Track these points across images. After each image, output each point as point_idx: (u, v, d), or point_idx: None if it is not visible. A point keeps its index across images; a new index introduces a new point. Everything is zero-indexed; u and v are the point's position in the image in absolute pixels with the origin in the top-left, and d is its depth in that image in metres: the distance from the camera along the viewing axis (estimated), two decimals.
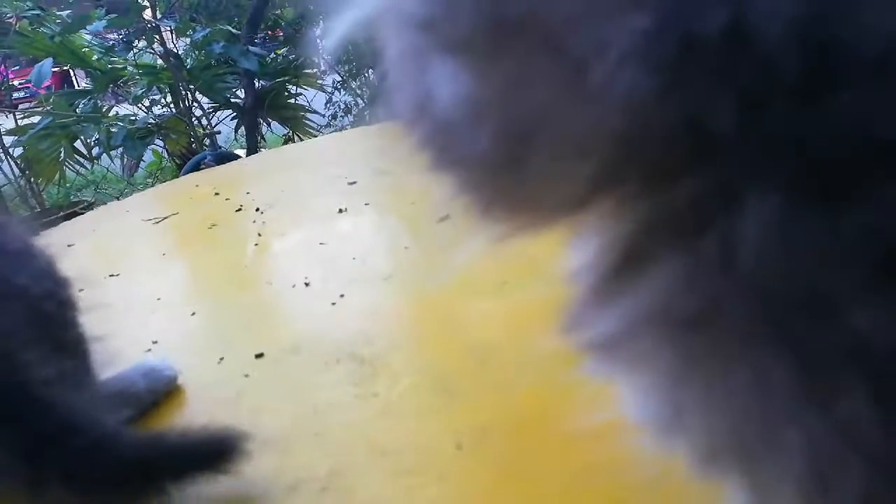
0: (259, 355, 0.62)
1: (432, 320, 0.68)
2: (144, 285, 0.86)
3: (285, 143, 3.31)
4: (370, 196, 1.09)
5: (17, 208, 3.03)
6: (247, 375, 0.60)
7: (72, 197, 4.12)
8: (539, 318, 0.26)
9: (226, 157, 2.67)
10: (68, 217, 1.85)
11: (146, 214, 1.22)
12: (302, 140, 3.17)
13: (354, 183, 1.18)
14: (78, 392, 0.51)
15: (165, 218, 1.16)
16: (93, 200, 4.03)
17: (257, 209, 1.11)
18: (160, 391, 0.57)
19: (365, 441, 0.49)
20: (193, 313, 0.75)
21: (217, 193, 1.27)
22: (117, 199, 3.41)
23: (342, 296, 0.72)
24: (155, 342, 0.69)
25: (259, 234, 0.98)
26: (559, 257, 0.26)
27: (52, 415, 0.44)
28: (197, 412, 0.55)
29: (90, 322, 0.53)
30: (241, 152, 2.99)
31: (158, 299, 0.80)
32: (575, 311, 0.25)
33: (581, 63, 0.20)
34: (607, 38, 0.19)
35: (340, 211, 1.02)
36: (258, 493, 0.44)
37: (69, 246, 1.08)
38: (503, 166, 0.23)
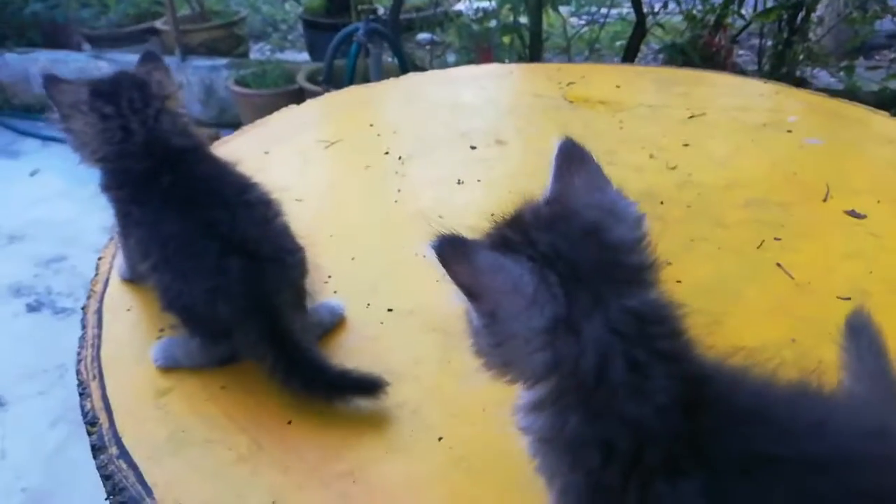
0: (390, 310, 1.04)
1: None
2: (320, 216, 1.28)
3: None
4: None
5: None
6: (382, 323, 1.02)
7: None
8: None
9: (377, 34, 2.97)
10: None
11: (319, 132, 1.62)
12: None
13: (475, 149, 1.53)
14: (300, 316, 0.94)
15: (332, 144, 1.56)
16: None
17: (399, 157, 1.49)
18: (335, 323, 1.00)
19: (440, 388, 0.91)
20: (353, 258, 1.17)
21: (371, 125, 1.65)
22: None
23: None
24: (329, 276, 1.12)
25: (399, 190, 1.37)
26: None
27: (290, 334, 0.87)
28: (352, 342, 0.99)
29: None
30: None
31: (331, 236, 1.23)
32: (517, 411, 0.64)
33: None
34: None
35: (459, 182, 1.39)
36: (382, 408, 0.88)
37: (266, 153, 1.51)
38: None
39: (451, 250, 0.56)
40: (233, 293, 0.86)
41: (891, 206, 1.25)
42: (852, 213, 1.23)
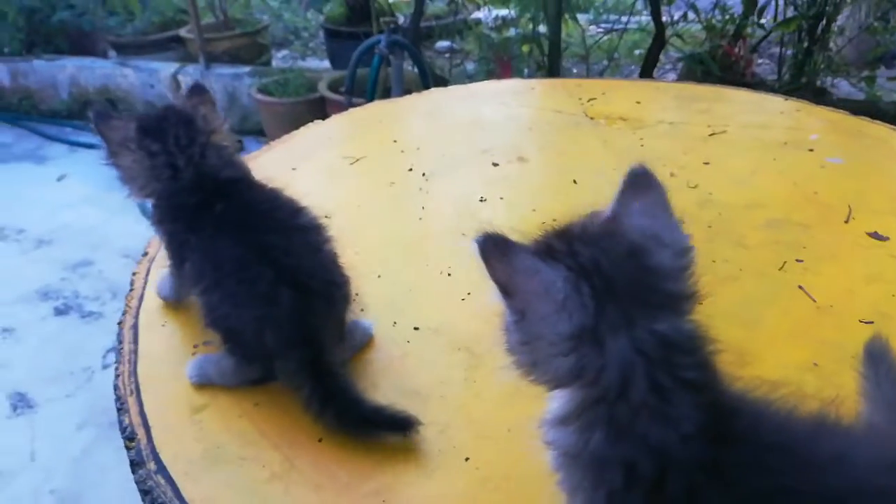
0: (416, 328, 1.07)
1: None
2: (347, 233, 1.31)
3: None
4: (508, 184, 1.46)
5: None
6: (408, 342, 1.05)
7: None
8: None
9: (399, 45, 3.01)
10: None
11: (344, 148, 1.65)
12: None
13: (497, 165, 1.56)
14: (339, 346, 0.96)
15: (357, 160, 1.59)
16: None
17: (423, 174, 1.52)
18: (365, 342, 1.03)
19: (466, 408, 0.94)
20: (379, 276, 1.20)
21: (395, 141, 1.68)
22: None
23: (469, 293, 1.14)
24: (356, 294, 1.14)
25: (423, 208, 1.40)
26: None
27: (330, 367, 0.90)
28: (379, 360, 1.02)
29: None
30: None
31: (357, 253, 1.26)
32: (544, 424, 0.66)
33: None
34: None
35: (481, 200, 1.42)
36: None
37: (293, 169, 1.55)
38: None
39: (492, 247, 0.60)
40: (281, 323, 0.89)
41: None
42: (875, 235, 1.24)
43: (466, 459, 0.85)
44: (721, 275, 1.16)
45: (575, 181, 1.46)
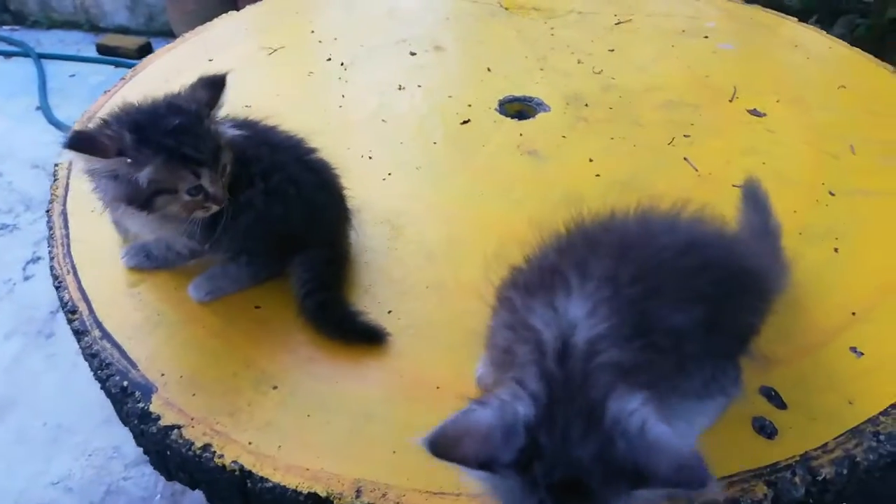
0: None
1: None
2: (269, 122, 1.35)
3: None
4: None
5: None
6: None
7: None
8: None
9: None
10: None
11: (261, 39, 1.65)
12: None
13: (415, 55, 1.60)
14: None
15: (275, 51, 1.60)
16: None
17: (342, 64, 1.55)
18: None
19: (387, 270, 1.03)
20: None
21: (313, 32, 1.69)
22: None
23: (390, 174, 1.21)
24: None
25: (343, 96, 1.44)
26: None
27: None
28: None
29: None
30: None
31: None
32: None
33: None
34: None
35: (400, 88, 1.47)
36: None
37: (210, 61, 1.55)
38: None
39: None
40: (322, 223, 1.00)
41: (788, 105, 1.40)
42: (754, 112, 1.38)
43: (389, 312, 0.95)
44: (618, 151, 1.28)
45: (489, 69, 1.53)
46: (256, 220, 0.94)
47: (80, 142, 0.81)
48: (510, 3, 1.83)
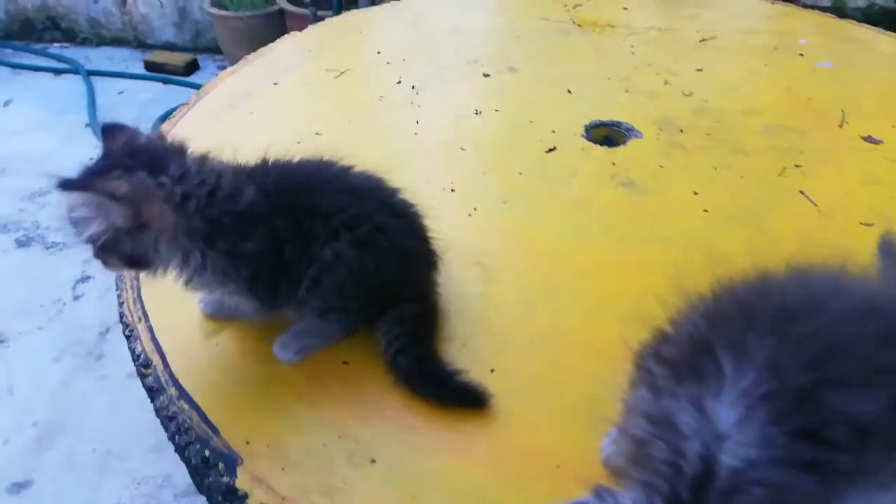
0: None
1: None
2: (341, 151, 1.27)
3: None
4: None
5: None
6: None
7: None
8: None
9: None
10: None
11: (326, 61, 1.57)
12: None
13: (488, 76, 1.51)
14: None
15: (342, 73, 1.52)
16: None
17: (412, 87, 1.47)
18: None
19: (484, 321, 0.93)
20: None
21: (379, 52, 1.61)
22: None
23: (475, 209, 1.12)
24: None
25: (417, 122, 1.35)
26: None
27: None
28: None
29: None
30: None
31: None
32: None
33: None
34: None
35: (476, 112, 1.38)
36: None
37: (275, 84, 1.47)
38: None
39: None
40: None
41: None
42: (869, 139, 1.25)
43: (492, 371, 0.85)
44: (724, 182, 1.17)
45: (569, 91, 1.43)
46: (349, 276, 0.84)
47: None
48: (583, 19, 1.73)
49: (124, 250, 0.77)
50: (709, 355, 0.57)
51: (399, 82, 1.48)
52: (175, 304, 0.94)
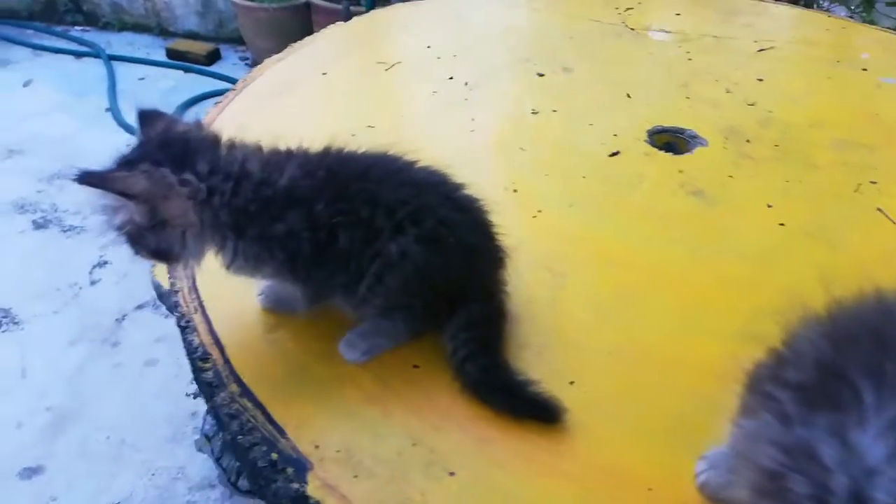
0: None
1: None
2: (397, 146, 1.22)
3: None
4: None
5: None
6: None
7: None
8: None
9: None
10: None
11: (374, 53, 1.53)
12: None
13: (543, 76, 1.47)
14: None
15: (392, 66, 1.48)
16: None
17: (465, 83, 1.42)
18: None
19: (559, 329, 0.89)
20: None
21: (428, 47, 1.56)
22: None
23: (540, 211, 1.08)
24: None
25: (472, 119, 1.30)
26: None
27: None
28: None
29: None
30: None
31: None
32: None
33: None
34: None
35: (534, 112, 1.34)
36: None
37: (324, 74, 1.43)
38: None
39: None
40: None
41: None
42: None
43: (571, 383, 0.80)
44: (797, 196, 1.12)
45: (629, 95, 1.39)
46: (414, 272, 0.80)
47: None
48: (635, 23, 1.69)
49: (149, 244, 0.76)
50: (842, 381, 0.53)
51: (451, 78, 1.43)
52: (230, 295, 0.90)
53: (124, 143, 0.81)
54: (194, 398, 2.17)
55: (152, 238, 0.75)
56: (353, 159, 0.85)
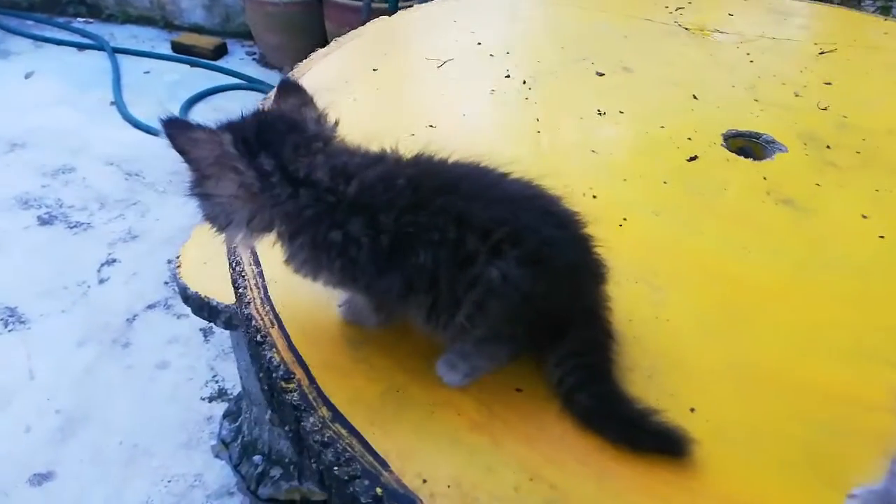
0: None
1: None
2: (459, 147, 1.15)
3: None
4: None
5: None
6: None
7: None
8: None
9: None
10: None
11: (424, 49, 1.45)
12: None
13: (603, 75, 1.40)
14: None
15: (444, 63, 1.41)
16: None
17: (524, 82, 1.35)
18: None
19: (668, 350, 0.82)
20: None
21: (479, 44, 1.49)
22: None
23: (625, 219, 1.01)
24: None
25: (537, 120, 1.24)
26: None
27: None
28: None
29: None
30: None
31: None
32: None
33: None
34: None
35: (600, 113, 1.27)
36: None
37: (374, 70, 1.35)
38: None
39: None
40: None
41: None
42: None
43: (692, 410, 0.74)
44: (890, 205, 1.06)
45: (695, 97, 1.32)
46: (520, 299, 0.71)
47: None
48: (689, 23, 1.63)
49: (202, 205, 0.74)
50: None
51: (508, 76, 1.36)
52: (306, 306, 0.82)
53: (130, 137, 0.75)
54: (209, 402, 2.09)
55: (206, 202, 0.73)
56: (441, 170, 0.77)
